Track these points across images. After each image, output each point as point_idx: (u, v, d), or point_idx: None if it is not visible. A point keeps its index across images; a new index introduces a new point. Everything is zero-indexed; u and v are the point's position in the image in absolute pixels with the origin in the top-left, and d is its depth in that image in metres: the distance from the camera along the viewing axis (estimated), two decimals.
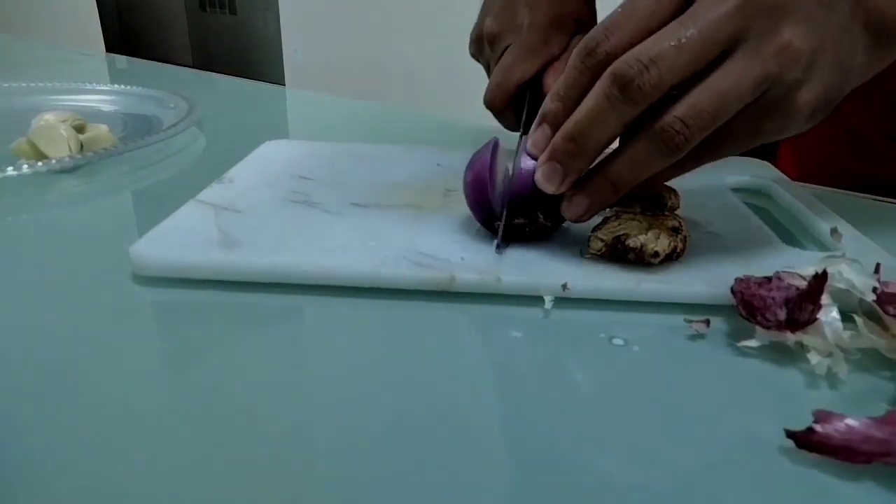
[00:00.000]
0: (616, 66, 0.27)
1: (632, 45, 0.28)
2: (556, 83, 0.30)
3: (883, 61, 0.31)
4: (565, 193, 0.31)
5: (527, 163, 0.32)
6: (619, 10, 0.29)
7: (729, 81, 0.27)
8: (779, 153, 0.65)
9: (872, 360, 0.26)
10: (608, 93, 0.28)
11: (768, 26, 0.27)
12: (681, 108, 0.27)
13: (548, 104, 0.31)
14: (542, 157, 0.30)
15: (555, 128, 0.30)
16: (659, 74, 0.27)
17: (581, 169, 0.30)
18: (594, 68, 0.29)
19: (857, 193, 0.46)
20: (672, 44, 0.27)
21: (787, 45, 0.27)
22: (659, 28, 0.28)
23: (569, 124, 0.29)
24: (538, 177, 0.30)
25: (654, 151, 0.28)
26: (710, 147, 0.29)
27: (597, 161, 0.30)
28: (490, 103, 0.42)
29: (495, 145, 0.33)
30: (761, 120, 0.28)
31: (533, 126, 0.32)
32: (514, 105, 0.41)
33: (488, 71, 0.45)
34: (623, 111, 0.28)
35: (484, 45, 0.44)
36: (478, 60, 0.47)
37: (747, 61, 0.27)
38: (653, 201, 0.34)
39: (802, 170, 0.60)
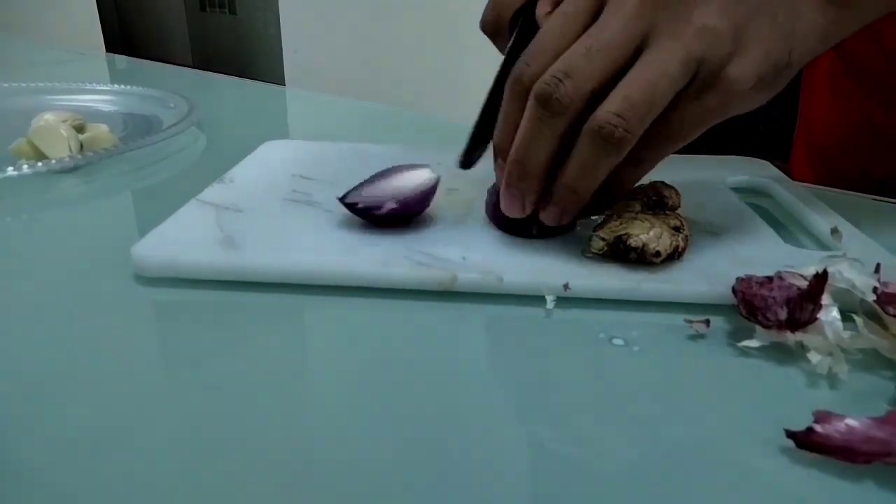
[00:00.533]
0: (536, 86, 0.29)
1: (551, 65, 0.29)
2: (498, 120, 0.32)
3: (847, 20, 0.31)
4: (538, 206, 0.32)
5: None
6: (536, 37, 0.30)
7: (654, 68, 0.28)
8: (791, 153, 0.64)
9: (873, 360, 0.26)
10: (535, 113, 0.29)
11: (676, 14, 0.28)
12: (612, 102, 0.28)
13: (495, 139, 0.32)
14: (501, 188, 0.32)
15: (506, 157, 0.32)
16: (573, 84, 0.28)
17: (534, 187, 0.31)
18: (522, 94, 0.30)
19: (856, 193, 0.46)
20: (582, 52, 0.28)
21: (703, 27, 0.28)
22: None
23: (512, 151, 0.31)
24: (503, 206, 0.32)
25: (597, 149, 0.28)
26: (665, 136, 0.29)
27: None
28: (483, 27, 0.42)
29: None
30: (702, 99, 0.29)
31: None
32: (510, 30, 0.41)
33: None
34: (551, 125, 0.29)
35: None
36: None
37: (668, 44, 0.28)
38: (654, 200, 0.34)
39: (821, 174, 0.59)
